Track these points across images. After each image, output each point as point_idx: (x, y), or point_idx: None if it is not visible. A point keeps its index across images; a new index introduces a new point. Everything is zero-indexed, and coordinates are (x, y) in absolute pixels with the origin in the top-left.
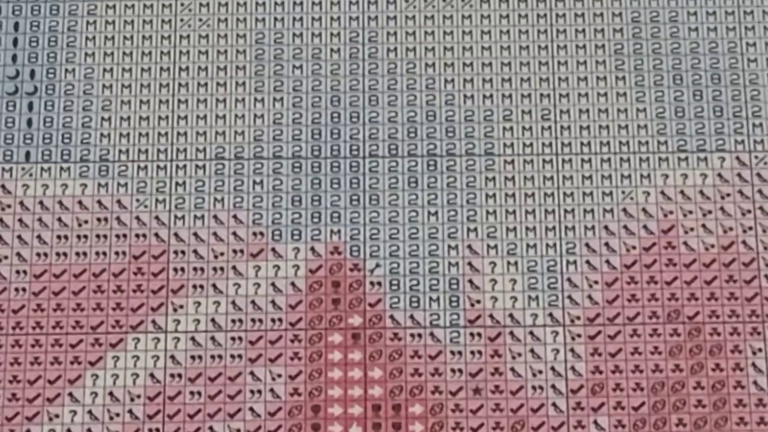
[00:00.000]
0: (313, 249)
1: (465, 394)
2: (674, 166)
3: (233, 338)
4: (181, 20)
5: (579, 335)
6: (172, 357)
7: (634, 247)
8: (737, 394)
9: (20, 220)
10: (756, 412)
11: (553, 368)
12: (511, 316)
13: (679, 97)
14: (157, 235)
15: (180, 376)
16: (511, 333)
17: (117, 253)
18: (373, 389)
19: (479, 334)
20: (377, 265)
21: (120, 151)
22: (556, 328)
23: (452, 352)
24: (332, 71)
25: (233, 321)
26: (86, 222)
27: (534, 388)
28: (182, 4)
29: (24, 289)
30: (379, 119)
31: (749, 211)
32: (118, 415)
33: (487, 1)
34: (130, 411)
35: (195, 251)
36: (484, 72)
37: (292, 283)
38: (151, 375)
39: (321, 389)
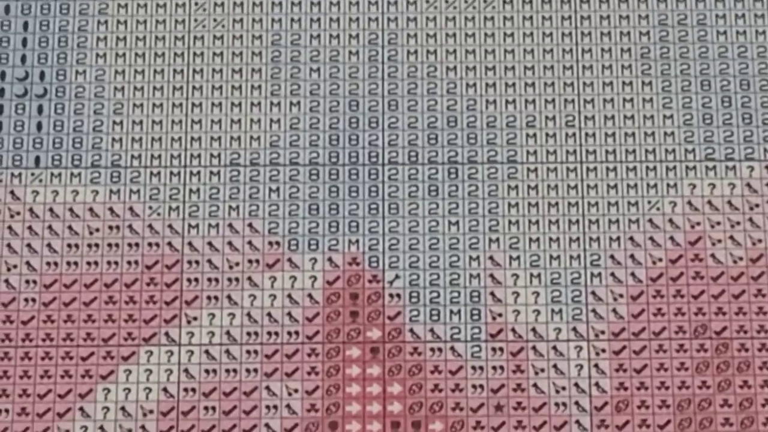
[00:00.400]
0: (330, 260)
1: (486, 411)
2: (702, 175)
3: (248, 351)
4: (195, 20)
5: (603, 350)
6: (186, 371)
7: (660, 260)
8: (765, 412)
9: (29, 228)
10: None
11: (576, 384)
12: (534, 330)
13: (707, 104)
14: (170, 244)
15: (194, 390)
16: (534, 348)
17: (129, 263)
18: (393, 405)
19: (501, 349)
20: (396, 277)
21: (132, 156)
22: (580, 343)
23: (473, 368)
24: (350, 74)
25: (248, 334)
26: (97, 230)
27: (557, 405)
28: (196, 4)
29: (34, 300)
30: (398, 125)
31: None
32: (130, 430)
33: (510, 3)
34: (142, 427)
35: (209, 261)
36: (506, 76)
37: (309, 295)
38: (165, 389)
39: (339, 405)
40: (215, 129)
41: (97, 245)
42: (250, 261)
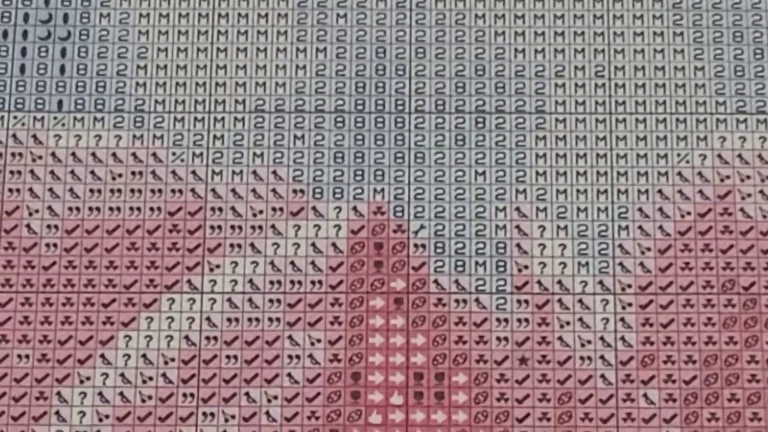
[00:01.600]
0: (355, 208)
1: (510, 364)
2: (732, 128)
3: (271, 300)
4: None
5: (630, 304)
6: (208, 319)
7: (688, 213)
8: None
9: (52, 172)
10: None
11: (602, 338)
12: (559, 282)
13: (739, 56)
14: (193, 190)
15: (216, 339)
16: (560, 301)
17: (152, 209)
18: (416, 357)
19: (526, 302)
20: (422, 227)
21: (156, 101)
22: (606, 297)
23: (498, 320)
24: (378, 21)
25: (271, 282)
26: (120, 175)
27: (582, 358)
28: None
29: (55, 245)
30: (426, 73)
31: None
32: (151, 378)
33: None
34: (164, 375)
35: (233, 208)
36: (536, 25)
37: (333, 244)
38: (186, 337)
39: (362, 356)
40: (240, 75)
41: (119, 191)
42: (274, 209)
